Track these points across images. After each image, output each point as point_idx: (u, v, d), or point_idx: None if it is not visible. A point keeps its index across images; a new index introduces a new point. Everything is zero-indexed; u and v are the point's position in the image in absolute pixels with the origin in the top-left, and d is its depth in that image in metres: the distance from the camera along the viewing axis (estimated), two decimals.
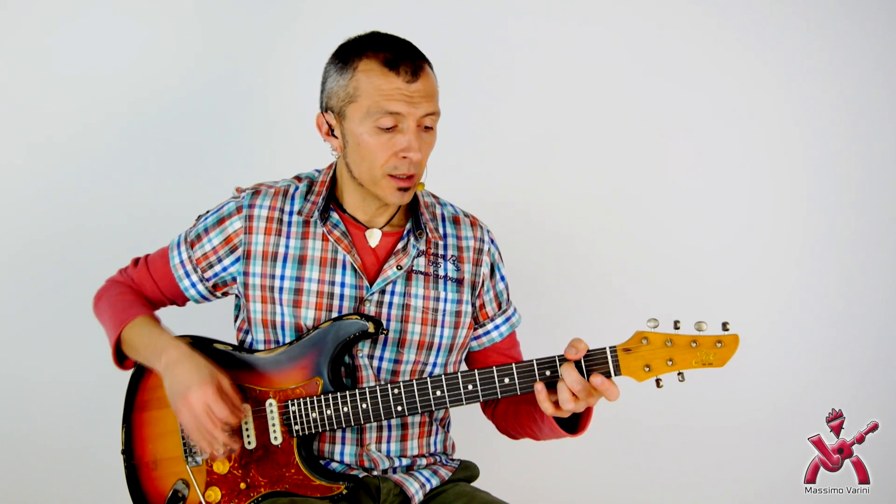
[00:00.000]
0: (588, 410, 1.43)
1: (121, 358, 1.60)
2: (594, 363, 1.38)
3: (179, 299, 1.67)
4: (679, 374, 1.37)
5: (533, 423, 1.55)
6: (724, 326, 1.34)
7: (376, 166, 1.48)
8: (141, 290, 1.65)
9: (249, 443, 1.50)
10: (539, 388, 1.39)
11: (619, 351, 1.37)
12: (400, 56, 1.46)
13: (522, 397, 1.54)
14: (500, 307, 1.68)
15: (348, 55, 1.49)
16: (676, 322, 1.35)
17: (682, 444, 2.33)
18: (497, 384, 1.42)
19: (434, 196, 1.70)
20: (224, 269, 1.60)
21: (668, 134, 2.32)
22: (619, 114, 2.31)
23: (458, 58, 2.17)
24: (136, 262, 1.69)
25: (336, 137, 1.54)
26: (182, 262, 1.62)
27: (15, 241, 2.20)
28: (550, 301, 2.29)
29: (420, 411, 1.45)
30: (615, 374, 1.37)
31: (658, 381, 1.37)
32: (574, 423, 1.48)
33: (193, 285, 1.62)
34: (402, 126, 1.47)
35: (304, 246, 1.56)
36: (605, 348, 1.38)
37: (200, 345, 1.56)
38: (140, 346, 1.54)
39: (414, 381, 1.45)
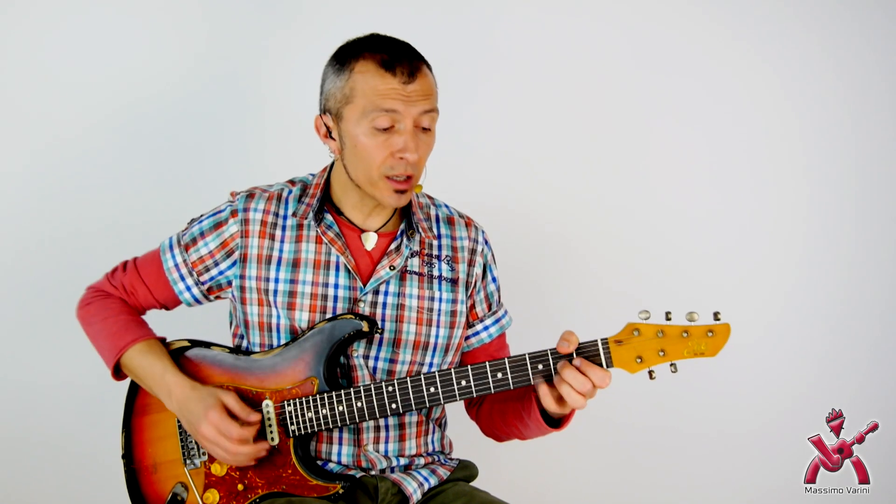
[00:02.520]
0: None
1: (118, 370, 1.60)
2: (586, 356, 1.38)
3: (171, 303, 1.66)
4: (671, 364, 1.36)
5: (519, 421, 1.54)
6: (716, 316, 1.33)
7: (373, 167, 1.48)
8: (133, 296, 1.64)
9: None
10: (544, 390, 1.39)
11: (610, 343, 1.37)
12: (397, 57, 1.45)
13: (508, 395, 1.55)
14: (489, 308, 1.68)
15: (345, 57, 1.49)
16: (668, 313, 1.34)
17: (682, 444, 2.32)
18: (490, 379, 1.41)
19: (429, 197, 1.70)
20: (220, 273, 1.60)
21: (666, 133, 2.32)
22: (616, 113, 2.32)
23: (455, 58, 2.17)
24: (124, 266, 1.67)
25: (334, 139, 1.53)
26: (177, 265, 1.61)
27: (14, 244, 2.20)
28: (545, 298, 2.29)
29: (415, 408, 1.45)
30: (607, 366, 1.37)
31: (651, 372, 1.37)
32: (556, 419, 1.49)
33: (188, 289, 1.62)
34: (399, 126, 1.46)
35: (298, 249, 1.56)
36: (596, 340, 1.38)
37: (198, 347, 1.58)
38: (144, 377, 1.55)
39: (408, 379, 1.45)
